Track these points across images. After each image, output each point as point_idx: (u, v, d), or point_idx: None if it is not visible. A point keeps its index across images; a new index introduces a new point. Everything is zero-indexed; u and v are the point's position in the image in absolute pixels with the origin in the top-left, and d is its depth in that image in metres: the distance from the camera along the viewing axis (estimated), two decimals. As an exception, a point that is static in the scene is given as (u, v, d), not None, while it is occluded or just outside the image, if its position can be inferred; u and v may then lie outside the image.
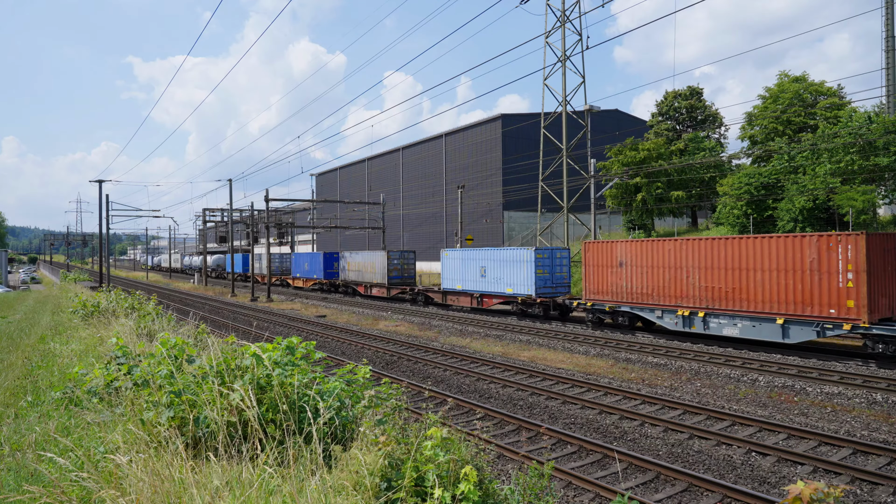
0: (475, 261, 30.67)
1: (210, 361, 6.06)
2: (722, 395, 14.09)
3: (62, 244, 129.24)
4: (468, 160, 57.53)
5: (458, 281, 32.07)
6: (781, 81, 41.03)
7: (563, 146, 35.72)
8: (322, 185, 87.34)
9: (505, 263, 28.62)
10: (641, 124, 56.97)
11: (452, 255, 32.69)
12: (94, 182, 49.53)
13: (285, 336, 12.47)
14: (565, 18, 35.04)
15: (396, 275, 39.87)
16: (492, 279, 29.50)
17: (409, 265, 40.55)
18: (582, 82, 36.23)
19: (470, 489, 4.19)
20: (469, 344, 21.79)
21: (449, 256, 33.00)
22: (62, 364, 10.86)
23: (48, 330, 17.39)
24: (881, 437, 10.62)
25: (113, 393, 7.34)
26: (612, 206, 45.81)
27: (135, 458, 4.72)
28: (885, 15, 35.95)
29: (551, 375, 15.72)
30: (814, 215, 32.70)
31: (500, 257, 28.99)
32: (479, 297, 30.47)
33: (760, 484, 8.70)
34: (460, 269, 31.82)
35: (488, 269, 29.57)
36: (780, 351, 18.52)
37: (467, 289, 31.31)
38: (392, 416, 5.77)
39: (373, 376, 6.57)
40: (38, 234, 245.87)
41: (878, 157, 29.60)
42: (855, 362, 16.65)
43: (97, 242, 79.72)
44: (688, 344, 20.20)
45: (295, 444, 4.94)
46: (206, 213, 57.70)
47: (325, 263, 48.48)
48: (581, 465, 9.43)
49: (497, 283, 29.17)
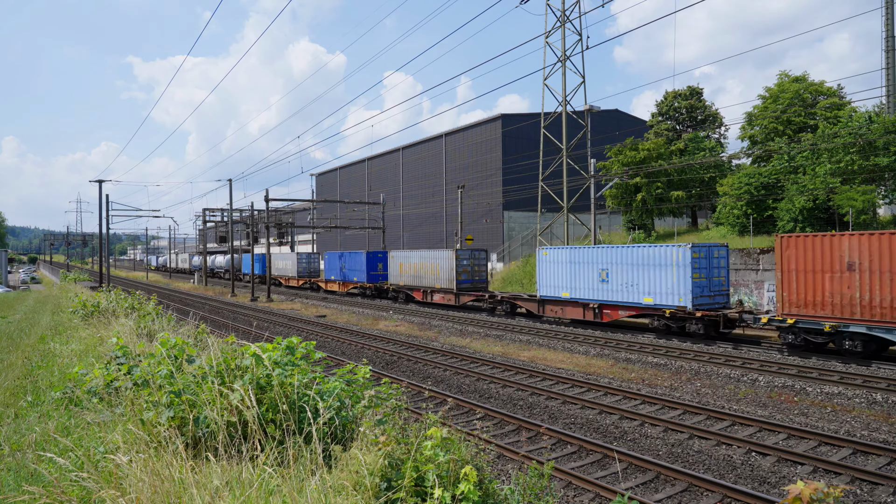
0: (591, 263, 24.55)
1: (210, 361, 6.06)
2: (722, 395, 14.09)
3: (62, 244, 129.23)
4: (468, 160, 57.53)
5: (563, 287, 25.82)
6: (781, 81, 41.03)
7: (563, 146, 35.71)
8: (322, 185, 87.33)
9: (641, 266, 22.40)
10: (641, 124, 56.96)
11: (556, 255, 26.30)
12: (94, 182, 49.54)
13: (285, 336, 12.47)
14: (565, 18, 35.03)
15: (466, 278, 33.31)
16: (618, 286, 23.31)
17: (480, 267, 34.31)
18: (582, 82, 36.22)
19: (470, 489, 4.19)
20: (469, 344, 21.79)
21: (549, 258, 26.56)
22: (62, 364, 10.86)
23: (48, 330, 17.38)
24: (881, 437, 10.62)
25: (113, 393, 7.34)
26: (612, 206, 45.80)
27: (135, 458, 4.71)
28: (885, 15, 35.95)
29: (551, 375, 15.72)
30: (814, 215, 32.70)
31: (632, 258, 22.73)
32: (598, 308, 24.35)
33: (760, 484, 8.70)
34: (566, 273, 25.70)
35: (612, 272, 23.57)
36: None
37: (579, 297, 25.03)
38: (392, 416, 5.77)
39: (373, 376, 6.57)
40: (38, 234, 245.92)
41: (878, 157, 29.59)
42: (855, 362, 16.63)
43: (97, 242, 79.60)
44: (688, 344, 20.16)
45: (295, 444, 4.94)
46: (206, 213, 57.70)
47: (369, 264, 41.99)
48: (581, 465, 9.43)
49: (627, 291, 22.96)
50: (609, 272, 23.80)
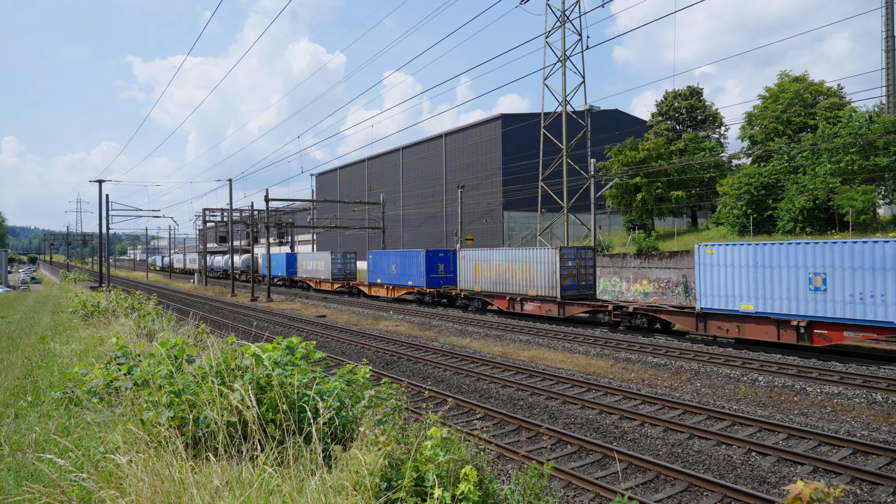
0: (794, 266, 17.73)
1: (210, 361, 6.07)
2: (722, 395, 14.09)
3: (62, 244, 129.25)
4: (468, 160, 57.54)
5: (743, 298, 18.79)
6: (781, 81, 41.06)
7: (563, 146, 35.73)
8: (322, 185, 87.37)
9: None
10: (641, 124, 56.99)
11: (729, 254, 19.30)
12: (94, 182, 49.54)
13: (285, 336, 12.48)
14: (565, 18, 35.05)
15: (571, 283, 26.45)
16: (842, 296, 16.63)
17: (586, 269, 27.22)
18: (582, 82, 36.24)
19: (470, 489, 4.19)
20: (469, 344, 21.79)
21: (717, 258, 19.58)
22: (62, 364, 10.86)
23: (48, 330, 17.39)
24: (881, 437, 10.62)
25: (113, 393, 7.34)
26: (612, 206, 45.82)
27: (135, 458, 4.71)
28: (885, 15, 35.96)
29: (551, 375, 15.72)
30: (814, 215, 32.72)
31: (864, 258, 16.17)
32: (805, 325, 17.37)
33: (760, 484, 8.70)
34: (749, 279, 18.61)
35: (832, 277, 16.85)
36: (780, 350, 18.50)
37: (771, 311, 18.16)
38: (392, 416, 5.77)
39: (373, 376, 6.57)
40: (38, 234, 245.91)
41: (878, 157, 29.60)
42: (855, 362, 16.64)
43: (97, 242, 79.52)
44: (687, 344, 20.19)
45: (295, 444, 4.94)
46: (206, 213, 57.72)
47: (428, 266, 35.02)
48: (581, 465, 9.43)
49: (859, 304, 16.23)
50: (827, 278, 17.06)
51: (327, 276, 47.78)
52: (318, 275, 48.96)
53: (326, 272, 47.96)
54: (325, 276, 48.28)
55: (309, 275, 50.70)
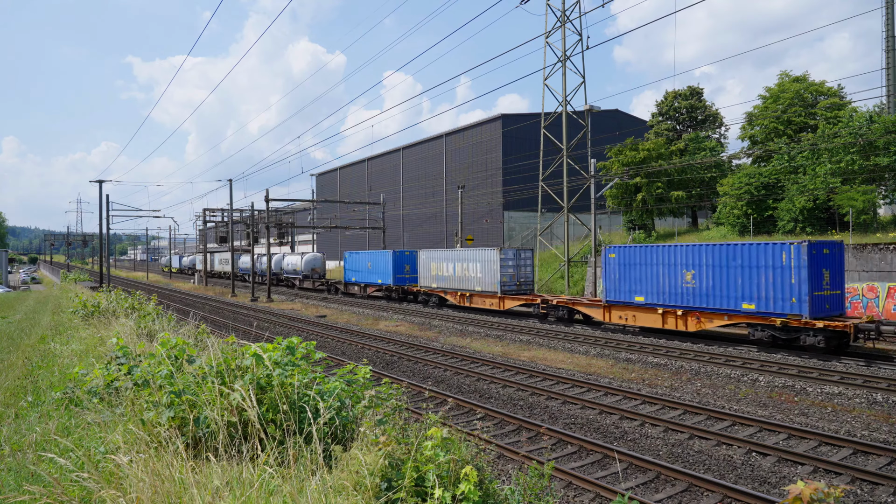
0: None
1: (210, 361, 6.06)
2: (722, 395, 14.09)
3: (62, 244, 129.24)
4: (468, 160, 57.54)
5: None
6: (782, 81, 41.05)
7: (563, 146, 35.72)
8: (322, 185, 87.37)
9: None
10: (641, 124, 56.96)
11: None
12: (94, 182, 49.56)
13: (286, 336, 12.47)
14: (565, 18, 35.04)
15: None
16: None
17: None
18: (582, 82, 36.23)
19: (470, 489, 4.19)
20: (469, 344, 21.79)
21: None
22: (62, 364, 10.86)
23: (48, 330, 17.39)
24: (881, 438, 10.62)
25: (113, 393, 7.34)
26: (613, 206, 45.82)
27: (135, 458, 4.72)
28: (885, 15, 35.96)
29: (551, 375, 15.72)
30: (814, 215, 32.70)
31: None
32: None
33: (761, 484, 8.70)
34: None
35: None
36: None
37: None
38: (392, 417, 5.77)
39: (373, 376, 6.57)
40: (39, 234, 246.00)
41: (879, 157, 29.60)
42: (856, 362, 16.64)
43: (97, 242, 79.37)
44: (688, 344, 20.19)
45: (295, 444, 4.94)
46: (207, 213, 57.72)
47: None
48: (581, 465, 9.43)
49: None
50: None
51: (488, 285, 30.82)
52: (467, 284, 32.19)
53: (487, 279, 30.98)
54: (482, 285, 31.26)
55: (445, 284, 33.97)
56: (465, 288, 32.23)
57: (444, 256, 34.08)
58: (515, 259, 30.27)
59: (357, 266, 43.63)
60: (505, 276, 29.79)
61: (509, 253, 29.98)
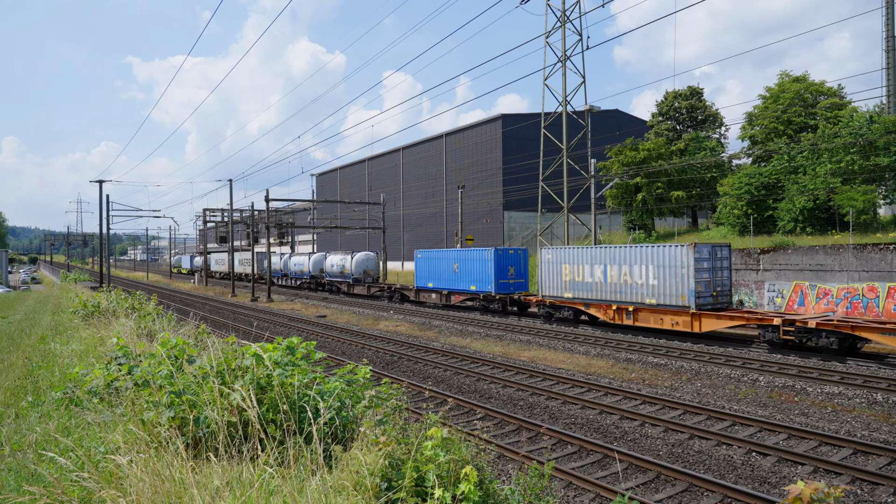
0: None
1: (210, 361, 6.06)
2: (722, 395, 14.09)
3: (62, 244, 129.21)
4: (468, 160, 57.55)
5: None
6: (782, 81, 41.05)
7: (563, 146, 35.72)
8: (322, 185, 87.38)
9: None
10: (641, 124, 56.97)
11: None
12: (95, 182, 49.55)
13: (286, 336, 12.47)
14: (565, 18, 35.04)
15: None
16: None
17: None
18: (582, 82, 36.23)
19: (470, 489, 4.19)
20: (469, 344, 21.79)
21: None
22: (63, 364, 10.86)
23: (48, 330, 17.39)
24: (881, 438, 10.62)
25: (113, 393, 7.34)
26: (613, 206, 45.84)
27: (135, 458, 4.71)
28: (886, 15, 35.98)
29: (552, 375, 15.72)
30: (814, 215, 32.71)
31: None
32: None
33: (761, 484, 8.70)
34: None
35: None
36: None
37: None
38: (392, 417, 5.77)
39: (373, 376, 6.57)
40: (39, 234, 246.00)
41: (879, 157, 29.60)
42: (856, 361, 16.65)
43: (97, 242, 79.26)
44: (688, 344, 20.19)
45: (295, 445, 4.94)
46: (207, 213, 57.74)
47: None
48: (581, 465, 9.43)
49: None
50: None
51: (669, 296, 21.80)
52: (628, 294, 23.08)
53: (668, 288, 21.93)
54: (658, 295, 22.20)
55: (586, 293, 24.92)
56: (626, 300, 22.93)
57: (585, 256, 24.82)
58: (711, 259, 21.55)
59: (435, 268, 34.59)
60: (700, 283, 20.97)
61: (704, 250, 21.30)
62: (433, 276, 34.99)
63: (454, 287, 33.00)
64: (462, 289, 32.38)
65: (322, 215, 79.08)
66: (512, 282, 30.56)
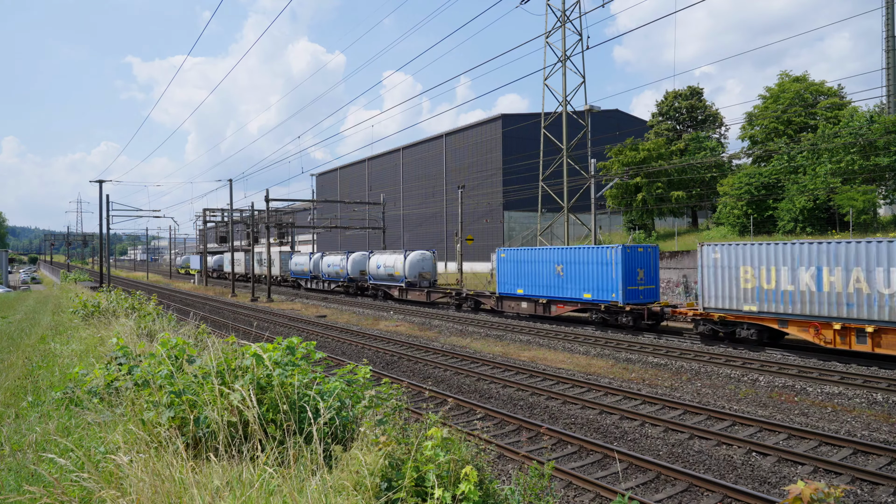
0: None
1: (210, 361, 6.06)
2: (722, 395, 14.08)
3: (62, 244, 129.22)
4: (468, 160, 57.56)
5: None
6: (782, 81, 41.07)
7: (563, 146, 35.72)
8: (322, 185, 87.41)
9: None
10: (641, 124, 56.98)
11: None
12: (95, 182, 49.56)
13: (286, 336, 12.47)
14: (565, 18, 35.04)
15: None
16: None
17: None
18: (582, 82, 36.23)
19: (470, 489, 4.19)
20: (469, 344, 21.79)
21: None
22: (63, 364, 10.86)
23: (48, 330, 17.39)
24: (882, 437, 10.62)
25: (113, 393, 7.34)
26: (613, 206, 45.84)
27: (135, 458, 4.71)
28: (886, 15, 35.99)
29: (552, 375, 15.72)
30: (814, 215, 32.71)
31: None
32: None
33: (761, 484, 8.70)
34: None
35: None
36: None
37: None
38: (392, 417, 5.77)
39: (373, 376, 6.57)
40: (39, 234, 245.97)
41: (879, 157, 29.60)
42: (856, 362, 16.64)
43: (97, 242, 79.20)
44: (688, 344, 20.19)
45: (295, 445, 4.94)
46: (207, 213, 57.75)
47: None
48: (581, 465, 9.43)
49: None
50: None
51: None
52: (862, 307, 16.54)
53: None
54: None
55: (783, 306, 18.20)
56: (859, 316, 16.57)
57: (781, 255, 18.35)
58: None
59: (527, 271, 27.69)
60: None
61: None
62: (524, 281, 27.86)
63: (557, 295, 26.05)
64: (569, 297, 25.41)
65: (322, 215, 79.12)
66: (642, 288, 23.68)
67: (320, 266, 49.36)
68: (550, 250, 26.93)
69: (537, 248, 27.60)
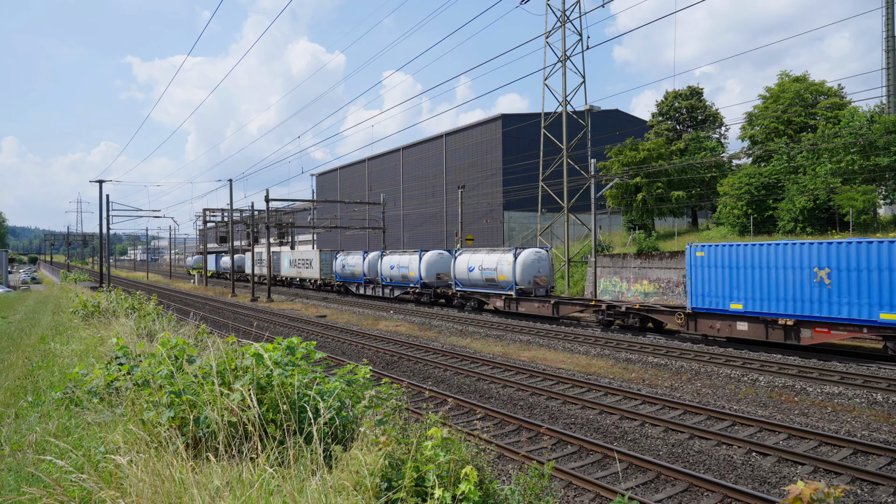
0: None
1: (210, 361, 6.06)
2: (722, 395, 14.08)
3: (62, 244, 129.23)
4: (468, 160, 57.54)
5: None
6: (782, 81, 41.06)
7: (563, 146, 35.71)
8: (322, 185, 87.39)
9: None
10: (641, 124, 56.96)
11: None
12: (95, 182, 49.55)
13: (286, 336, 12.47)
14: (565, 18, 35.03)
15: None
16: None
17: None
18: (582, 82, 36.22)
19: (470, 489, 4.19)
20: (469, 344, 21.78)
21: None
22: (62, 364, 10.86)
23: (48, 330, 17.39)
24: (881, 438, 10.62)
25: (113, 393, 7.34)
26: (613, 207, 45.83)
27: (135, 458, 4.71)
28: (886, 14, 35.99)
29: (552, 375, 15.71)
30: (814, 215, 32.70)
31: None
32: None
33: (761, 484, 8.70)
34: None
35: None
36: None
37: None
38: (392, 416, 5.77)
39: (373, 376, 6.57)
40: (39, 234, 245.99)
41: (879, 157, 29.61)
42: (856, 362, 16.64)
43: (97, 242, 79.18)
44: (688, 344, 20.20)
45: (295, 445, 4.94)
46: (207, 213, 57.75)
47: None
48: (581, 465, 9.43)
49: None
50: None
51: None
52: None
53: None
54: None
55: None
56: None
57: None
58: None
59: (753, 278, 18.99)
60: None
61: None
62: (743, 291, 19.20)
63: (816, 313, 17.49)
64: (843, 317, 16.94)
65: (322, 215, 79.11)
66: None
67: (379, 268, 40.99)
68: (802, 247, 18.03)
69: (774, 244, 18.61)
